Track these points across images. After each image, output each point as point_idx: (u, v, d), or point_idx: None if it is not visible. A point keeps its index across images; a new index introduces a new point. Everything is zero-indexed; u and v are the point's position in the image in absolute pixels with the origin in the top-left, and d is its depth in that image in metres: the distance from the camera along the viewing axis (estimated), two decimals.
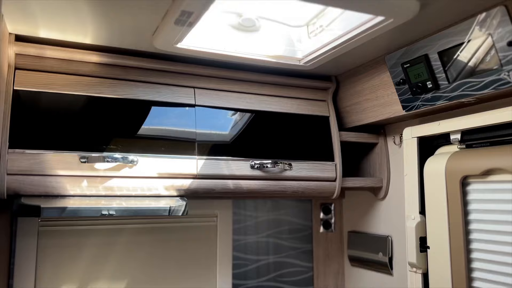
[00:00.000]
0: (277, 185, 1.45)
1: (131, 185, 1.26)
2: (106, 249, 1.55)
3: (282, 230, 1.84)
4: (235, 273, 1.73)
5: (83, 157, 1.19)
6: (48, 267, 1.47)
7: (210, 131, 1.39)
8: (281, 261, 1.82)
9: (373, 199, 1.68)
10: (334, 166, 1.53)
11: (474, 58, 1.09)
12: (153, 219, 1.62)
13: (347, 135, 1.59)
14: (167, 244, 1.64)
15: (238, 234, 1.76)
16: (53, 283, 1.47)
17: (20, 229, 1.43)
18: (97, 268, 1.53)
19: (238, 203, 1.78)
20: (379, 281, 1.63)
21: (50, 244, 1.48)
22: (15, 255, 1.42)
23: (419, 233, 1.38)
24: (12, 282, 1.41)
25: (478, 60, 1.08)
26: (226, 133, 1.43)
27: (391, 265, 1.57)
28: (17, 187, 1.13)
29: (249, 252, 1.77)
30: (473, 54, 1.09)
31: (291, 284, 1.83)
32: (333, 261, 1.86)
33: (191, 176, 1.33)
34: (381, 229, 1.64)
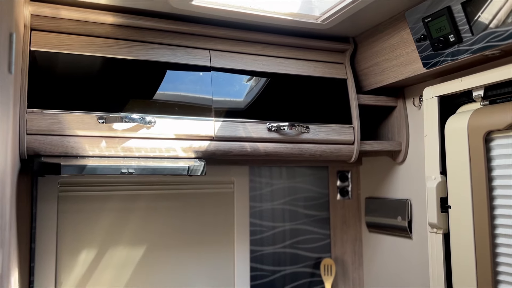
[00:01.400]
0: (294, 148, 1.44)
1: (149, 146, 1.26)
2: (125, 215, 1.56)
3: (298, 197, 1.84)
4: (252, 239, 1.74)
5: (101, 118, 1.19)
6: (68, 231, 1.49)
7: (226, 98, 1.38)
8: (298, 228, 1.82)
9: (391, 163, 1.66)
10: (352, 129, 1.51)
11: (501, 6, 1.05)
12: (171, 185, 1.63)
13: (365, 98, 1.57)
14: (185, 210, 1.65)
15: (254, 201, 1.76)
16: (74, 247, 1.49)
17: (40, 194, 1.45)
18: (116, 233, 1.55)
19: (254, 171, 1.77)
20: (398, 246, 1.62)
21: (70, 209, 1.49)
22: (36, 220, 1.45)
23: (440, 193, 1.36)
24: (34, 246, 1.44)
25: (506, 9, 1.04)
26: (242, 100, 1.41)
27: (410, 229, 1.55)
28: (36, 147, 1.13)
29: (265, 219, 1.77)
30: (501, 2, 1.05)
31: (308, 251, 1.83)
32: (350, 227, 1.86)
33: (208, 138, 1.32)
34: (400, 193, 1.62)
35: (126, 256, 1.55)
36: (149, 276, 1.57)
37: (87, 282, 1.49)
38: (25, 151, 1.12)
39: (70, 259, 1.48)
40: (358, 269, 1.83)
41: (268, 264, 1.76)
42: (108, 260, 1.53)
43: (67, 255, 1.48)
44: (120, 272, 1.54)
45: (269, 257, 1.76)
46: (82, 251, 1.50)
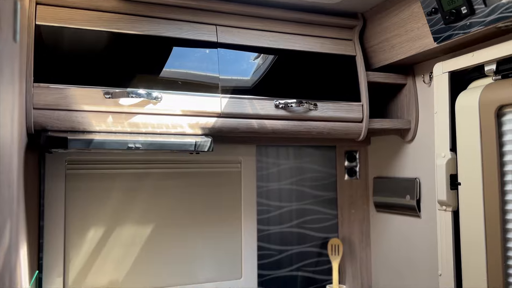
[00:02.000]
0: (302, 125, 1.42)
1: (156, 122, 1.25)
2: (133, 193, 1.56)
3: (305, 177, 1.83)
4: (259, 218, 1.74)
5: (107, 93, 1.19)
6: (76, 209, 1.49)
7: (233, 76, 1.36)
8: (305, 208, 1.82)
9: (400, 142, 1.64)
10: (361, 107, 1.49)
11: None
12: (178, 164, 1.63)
13: (374, 75, 1.54)
14: (192, 189, 1.65)
15: (260, 181, 1.76)
16: (82, 225, 1.50)
17: (48, 171, 1.45)
18: (124, 211, 1.55)
19: (261, 151, 1.76)
20: (406, 224, 1.61)
21: (77, 187, 1.50)
22: (44, 197, 1.45)
23: (449, 170, 1.34)
24: (42, 223, 1.45)
25: None
26: (249, 78, 1.40)
27: (419, 208, 1.54)
28: (43, 122, 1.13)
29: (272, 199, 1.77)
30: None
31: (315, 230, 1.82)
32: (358, 208, 1.85)
33: (215, 114, 1.31)
34: (409, 172, 1.61)
35: (134, 234, 1.56)
36: (157, 254, 1.58)
37: (96, 259, 1.50)
38: (32, 126, 1.12)
39: (79, 237, 1.49)
40: (366, 249, 1.83)
41: (275, 244, 1.76)
42: (116, 238, 1.53)
43: (76, 233, 1.49)
44: (128, 250, 1.55)
45: (276, 237, 1.76)
46: (90, 228, 1.51)
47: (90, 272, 1.49)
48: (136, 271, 1.55)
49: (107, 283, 1.51)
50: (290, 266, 1.78)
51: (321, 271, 1.82)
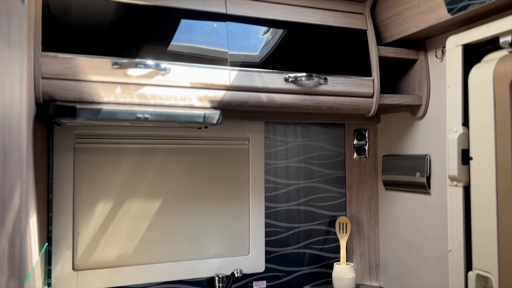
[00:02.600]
0: (311, 100, 1.40)
1: (165, 94, 1.24)
2: (141, 168, 1.56)
3: (313, 156, 1.82)
4: (266, 196, 1.73)
5: (115, 63, 1.17)
6: (85, 183, 1.50)
7: (242, 52, 1.34)
8: (313, 186, 1.81)
9: (411, 119, 1.62)
10: (372, 82, 1.47)
11: None
12: (186, 140, 1.62)
13: (386, 50, 1.52)
14: (201, 165, 1.64)
15: (268, 159, 1.75)
16: (91, 199, 1.50)
17: (56, 145, 1.46)
18: (132, 186, 1.55)
19: (269, 128, 1.75)
20: (416, 202, 1.60)
21: (86, 160, 1.50)
22: (53, 170, 1.46)
23: (461, 145, 1.32)
24: (51, 197, 1.45)
25: None
26: (258, 53, 1.38)
27: (429, 185, 1.53)
28: (51, 92, 1.12)
29: (280, 177, 1.76)
30: None
31: (323, 209, 1.82)
32: (367, 186, 1.84)
33: (224, 87, 1.30)
34: (419, 149, 1.59)
35: (142, 208, 1.56)
36: (165, 229, 1.59)
37: (104, 233, 1.51)
38: (41, 95, 1.11)
39: (87, 210, 1.50)
40: (374, 227, 1.82)
41: (283, 221, 1.76)
42: (124, 212, 1.54)
43: (84, 206, 1.49)
44: (136, 224, 1.55)
45: (283, 214, 1.76)
46: (99, 202, 1.51)
47: (99, 245, 1.50)
48: (145, 245, 1.56)
49: (116, 256, 1.52)
50: (298, 244, 1.78)
51: (329, 249, 1.82)
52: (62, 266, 1.45)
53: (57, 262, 1.44)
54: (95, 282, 1.48)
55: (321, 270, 1.80)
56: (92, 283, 1.48)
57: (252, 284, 1.70)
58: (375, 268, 1.81)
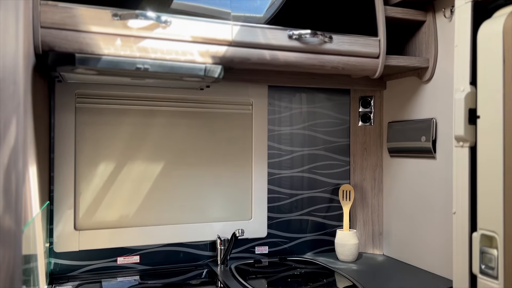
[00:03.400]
0: (316, 58, 1.38)
1: (165, 47, 1.22)
2: (143, 130, 1.55)
3: (317, 123, 1.79)
4: (269, 162, 1.72)
5: (115, 14, 1.15)
6: (87, 143, 1.49)
7: (246, 13, 1.31)
8: (316, 154, 1.79)
9: (417, 84, 1.59)
10: (378, 42, 1.44)
11: None
12: (188, 103, 1.60)
13: (393, 10, 1.48)
14: (203, 129, 1.63)
15: (272, 125, 1.73)
16: (93, 159, 1.49)
17: (57, 104, 1.45)
18: (135, 148, 1.54)
19: (273, 94, 1.73)
20: (421, 167, 1.58)
21: (88, 120, 1.49)
22: (54, 130, 1.45)
23: (468, 104, 1.29)
24: (53, 156, 1.45)
25: None
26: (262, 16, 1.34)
27: (434, 149, 1.50)
28: (51, 41, 1.11)
29: (283, 143, 1.75)
30: None
31: (326, 176, 1.80)
32: (371, 154, 1.81)
33: (226, 42, 1.27)
34: (425, 113, 1.56)
35: (144, 170, 1.55)
36: (167, 191, 1.58)
37: (106, 194, 1.51)
38: (40, 45, 1.10)
39: (89, 171, 1.49)
40: (378, 196, 1.80)
41: (286, 188, 1.75)
42: (126, 174, 1.53)
43: (86, 166, 1.49)
44: (138, 186, 1.55)
45: (286, 181, 1.75)
46: (101, 163, 1.51)
47: (101, 206, 1.50)
48: (147, 207, 1.55)
49: (118, 217, 1.52)
50: (301, 210, 1.76)
51: (332, 217, 1.81)
52: (64, 225, 1.45)
53: (58, 221, 1.45)
54: (96, 242, 1.48)
55: (324, 237, 1.79)
56: (94, 243, 1.48)
57: (254, 249, 1.70)
58: (378, 236, 1.80)
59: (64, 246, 1.45)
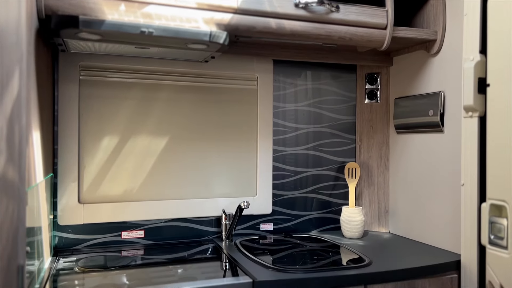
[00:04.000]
0: (322, 28, 1.35)
1: (170, 13, 1.20)
2: (148, 104, 1.54)
3: (323, 100, 1.77)
4: (274, 139, 1.70)
5: None
6: (91, 116, 1.48)
7: None
8: (322, 131, 1.77)
9: (425, 57, 1.57)
10: (385, 13, 1.41)
11: None
12: (193, 77, 1.59)
13: None
14: (208, 104, 1.61)
15: (277, 101, 1.71)
16: (96, 133, 1.48)
17: (61, 76, 1.43)
18: (139, 122, 1.53)
19: (278, 70, 1.71)
20: (428, 142, 1.55)
21: (91, 93, 1.48)
22: (58, 102, 1.43)
23: (477, 73, 1.27)
24: (57, 129, 1.44)
25: None
26: None
27: (442, 122, 1.48)
28: (54, 5, 1.09)
29: (288, 120, 1.73)
30: None
31: (332, 154, 1.78)
32: (377, 132, 1.79)
33: (231, 10, 1.26)
34: (433, 87, 1.53)
35: (149, 145, 1.54)
36: (172, 166, 1.57)
37: (110, 168, 1.50)
38: (43, 8, 1.08)
39: (93, 144, 1.48)
40: (384, 173, 1.78)
41: (291, 165, 1.73)
42: (130, 148, 1.52)
43: (90, 140, 1.48)
44: (143, 160, 1.53)
45: (291, 158, 1.73)
46: (105, 137, 1.49)
47: (105, 180, 1.49)
48: (151, 182, 1.54)
49: (122, 192, 1.51)
50: (306, 188, 1.75)
51: (337, 195, 1.79)
52: (68, 198, 1.44)
53: (62, 194, 1.44)
54: (101, 216, 1.47)
55: (329, 215, 1.78)
56: (98, 217, 1.47)
57: (259, 226, 1.68)
58: (384, 214, 1.78)
59: (68, 219, 1.44)
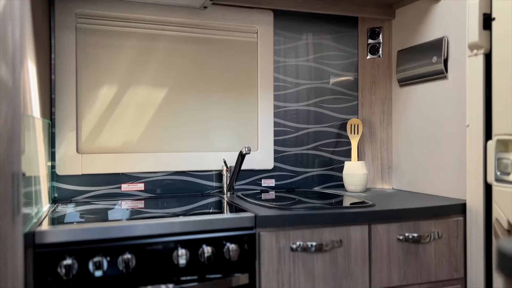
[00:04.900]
0: None
1: None
2: (146, 54, 1.51)
3: (324, 55, 1.75)
4: (275, 95, 1.68)
5: None
6: (88, 65, 1.45)
7: None
8: (323, 87, 1.75)
9: (427, 5, 1.54)
10: None
11: None
12: (191, 28, 1.56)
13: None
14: (208, 56, 1.59)
15: (277, 56, 1.68)
16: (94, 82, 1.46)
17: (57, 24, 1.41)
18: (137, 72, 1.50)
19: (279, 23, 1.68)
20: (432, 90, 1.53)
21: (89, 42, 1.45)
22: (55, 51, 1.41)
23: (482, 9, 1.24)
24: (54, 78, 1.41)
25: None
26: None
27: (446, 68, 1.45)
28: None
29: (289, 75, 1.70)
30: None
31: (334, 111, 1.76)
32: (380, 87, 1.76)
33: None
34: (436, 33, 1.51)
35: (147, 96, 1.52)
36: (171, 118, 1.54)
37: (109, 118, 1.47)
38: None
39: (91, 94, 1.46)
40: (387, 129, 1.76)
41: (292, 121, 1.70)
42: (129, 98, 1.50)
43: (88, 90, 1.45)
44: (141, 112, 1.51)
45: (292, 114, 1.71)
46: (103, 86, 1.47)
47: (104, 130, 1.47)
48: (151, 133, 1.52)
49: (121, 143, 1.49)
50: (307, 145, 1.72)
51: (340, 152, 1.77)
52: (66, 148, 1.42)
53: (60, 143, 1.41)
54: (99, 166, 1.45)
55: (331, 173, 1.75)
56: (96, 168, 1.45)
57: (261, 182, 1.66)
58: (387, 170, 1.76)
59: (66, 169, 1.42)
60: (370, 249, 1.20)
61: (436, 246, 1.27)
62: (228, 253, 1.05)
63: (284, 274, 1.11)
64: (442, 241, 1.27)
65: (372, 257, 1.20)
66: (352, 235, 1.18)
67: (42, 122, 1.23)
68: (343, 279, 1.17)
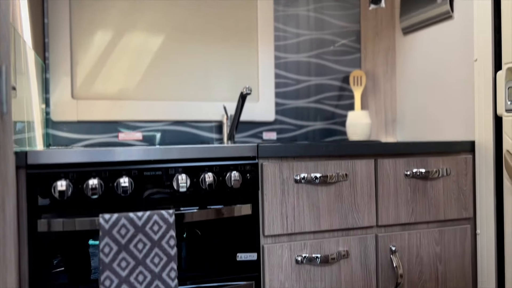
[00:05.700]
0: None
1: None
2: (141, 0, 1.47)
3: (325, 5, 1.70)
4: (276, 45, 1.63)
5: None
6: (82, 9, 1.40)
7: None
8: (324, 38, 1.70)
9: None
10: None
11: None
12: None
13: None
14: (206, 3, 1.54)
15: (277, 5, 1.63)
16: (89, 27, 1.41)
17: None
18: (133, 18, 1.46)
19: None
20: (438, 33, 1.48)
21: None
22: None
23: None
24: (47, 21, 1.37)
25: None
26: None
27: (452, 7, 1.40)
28: None
29: (289, 25, 1.65)
30: None
31: (336, 63, 1.71)
32: (383, 38, 1.72)
33: None
34: None
35: (144, 43, 1.47)
36: (169, 66, 1.50)
37: (104, 64, 1.43)
38: None
39: (85, 39, 1.41)
40: (391, 80, 1.71)
41: (292, 72, 1.66)
42: (124, 45, 1.45)
43: (83, 34, 1.41)
44: (137, 58, 1.46)
45: (293, 66, 1.66)
46: (98, 31, 1.42)
47: (99, 76, 1.42)
48: (148, 81, 1.47)
49: (118, 90, 1.44)
50: (308, 98, 1.68)
51: (343, 106, 1.72)
52: (60, 93, 1.37)
53: (55, 88, 1.37)
54: (95, 113, 1.41)
55: (334, 127, 1.71)
56: (92, 114, 1.40)
57: (262, 134, 1.62)
58: (391, 123, 1.71)
59: (61, 115, 1.37)
60: (377, 185, 1.16)
61: (445, 184, 1.23)
62: (230, 181, 1.00)
63: (288, 205, 1.07)
64: (451, 179, 1.23)
65: (379, 193, 1.16)
66: (358, 169, 1.14)
67: (35, 58, 1.18)
68: (349, 214, 1.13)
